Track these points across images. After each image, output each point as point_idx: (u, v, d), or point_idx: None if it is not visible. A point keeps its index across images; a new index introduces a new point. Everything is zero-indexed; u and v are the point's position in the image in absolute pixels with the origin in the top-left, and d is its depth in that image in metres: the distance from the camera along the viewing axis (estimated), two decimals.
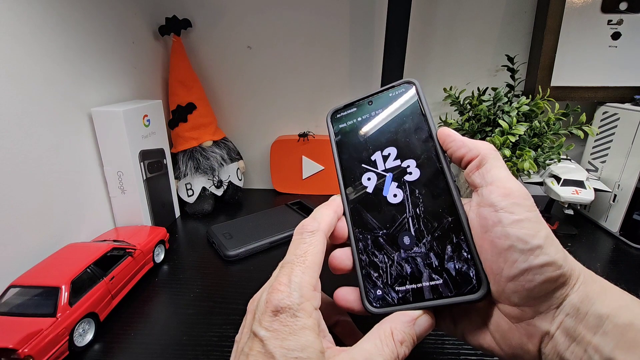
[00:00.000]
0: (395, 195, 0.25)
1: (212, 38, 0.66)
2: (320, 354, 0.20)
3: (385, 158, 0.26)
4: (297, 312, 0.20)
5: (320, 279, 0.23)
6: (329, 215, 0.26)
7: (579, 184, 0.53)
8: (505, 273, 0.20)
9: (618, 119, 0.55)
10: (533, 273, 0.20)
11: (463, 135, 0.65)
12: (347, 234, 0.26)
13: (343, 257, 0.26)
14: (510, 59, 0.57)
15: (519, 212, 0.20)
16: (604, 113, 0.58)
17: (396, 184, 0.25)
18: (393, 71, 0.54)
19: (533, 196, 0.22)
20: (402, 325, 0.22)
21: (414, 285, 0.23)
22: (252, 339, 0.20)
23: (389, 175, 0.25)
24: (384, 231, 0.25)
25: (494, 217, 0.21)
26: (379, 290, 0.24)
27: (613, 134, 0.56)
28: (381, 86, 0.55)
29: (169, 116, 0.63)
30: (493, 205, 0.21)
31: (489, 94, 0.58)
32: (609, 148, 0.56)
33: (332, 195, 0.28)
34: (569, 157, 0.60)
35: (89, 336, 0.34)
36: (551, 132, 0.54)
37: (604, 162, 0.57)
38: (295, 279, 0.21)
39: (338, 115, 0.29)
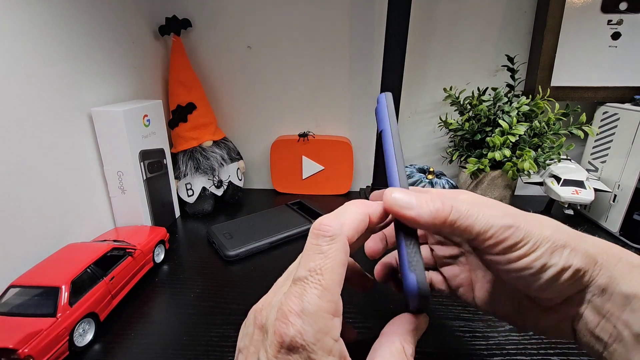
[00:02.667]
0: None
1: (212, 38, 0.66)
2: None
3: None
4: (312, 354, 0.17)
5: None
6: (358, 216, 0.21)
7: (579, 184, 0.53)
8: (525, 290, 0.22)
9: (618, 119, 0.55)
10: (548, 283, 0.20)
11: (463, 135, 0.65)
12: (379, 249, 0.26)
13: (375, 242, 0.26)
14: (510, 59, 0.57)
15: (513, 250, 0.20)
16: (604, 113, 0.58)
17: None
18: (393, 71, 0.54)
19: (533, 196, 0.22)
20: (410, 337, 0.21)
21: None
22: None
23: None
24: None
25: (491, 258, 0.21)
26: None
27: (613, 134, 0.56)
28: (381, 86, 0.55)
29: (169, 116, 0.63)
30: (488, 252, 0.21)
31: (489, 94, 0.58)
32: (609, 148, 0.56)
33: (332, 195, 0.28)
34: (569, 157, 0.60)
35: (89, 336, 0.34)
36: (551, 132, 0.54)
37: (604, 162, 0.57)
38: (310, 308, 0.18)
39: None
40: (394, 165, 0.23)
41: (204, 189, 0.64)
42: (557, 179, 0.55)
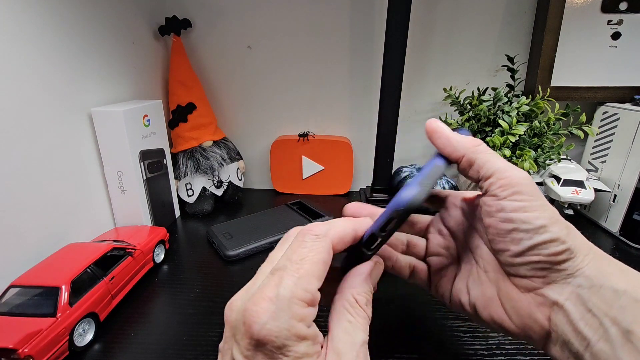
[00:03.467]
0: None
1: (212, 38, 0.66)
2: None
3: None
4: (284, 347, 0.17)
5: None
6: (346, 228, 0.22)
7: (579, 184, 0.53)
8: (512, 250, 0.22)
9: (618, 119, 0.55)
10: (538, 249, 0.21)
11: None
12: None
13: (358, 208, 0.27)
14: (510, 59, 0.57)
15: (521, 199, 0.21)
16: (604, 113, 0.58)
17: None
18: (393, 71, 0.54)
19: None
20: (361, 287, 0.21)
21: None
22: None
23: None
24: None
25: (496, 205, 0.22)
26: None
27: (613, 134, 0.56)
28: (381, 86, 0.55)
29: (169, 116, 0.63)
30: (495, 195, 0.22)
31: (489, 94, 0.58)
32: (609, 148, 0.56)
33: (332, 195, 0.28)
34: (569, 157, 0.60)
35: (89, 336, 0.34)
36: (551, 132, 0.54)
37: (604, 162, 0.57)
38: (284, 293, 0.17)
39: None
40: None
41: (204, 189, 0.64)
42: (557, 179, 0.55)
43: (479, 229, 0.26)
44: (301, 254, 0.19)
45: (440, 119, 0.64)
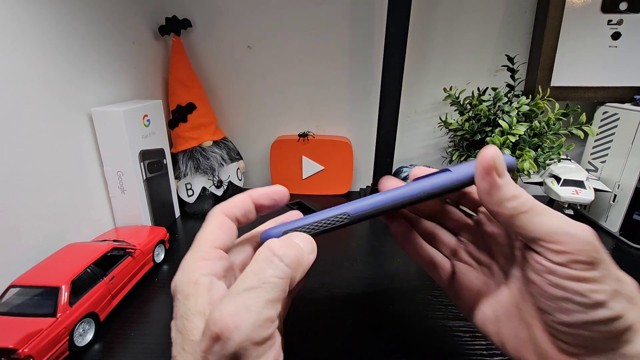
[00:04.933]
0: None
1: (212, 38, 0.66)
2: None
3: None
4: (183, 297, 0.20)
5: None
6: (241, 198, 0.24)
7: (579, 184, 0.53)
8: (559, 318, 0.18)
9: (618, 119, 0.55)
10: (592, 325, 0.17)
11: (463, 135, 0.65)
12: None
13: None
14: (510, 59, 0.57)
15: (578, 267, 0.17)
16: (604, 113, 0.58)
17: None
18: (393, 71, 0.54)
19: (533, 196, 0.20)
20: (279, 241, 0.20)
21: None
22: None
23: None
24: None
25: (546, 266, 0.18)
26: None
27: (613, 134, 0.56)
28: (381, 86, 0.55)
29: (169, 116, 0.63)
30: (545, 256, 0.18)
31: (489, 94, 0.58)
32: (609, 148, 0.56)
33: (332, 195, 0.27)
34: (569, 157, 0.60)
35: (89, 336, 0.34)
36: (551, 132, 0.54)
37: (604, 162, 0.57)
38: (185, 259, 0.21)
39: None
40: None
41: (204, 189, 0.64)
42: (557, 179, 0.55)
43: (523, 259, 0.21)
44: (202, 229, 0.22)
45: (440, 119, 0.64)
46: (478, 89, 0.61)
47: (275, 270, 0.18)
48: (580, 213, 0.61)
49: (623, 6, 0.57)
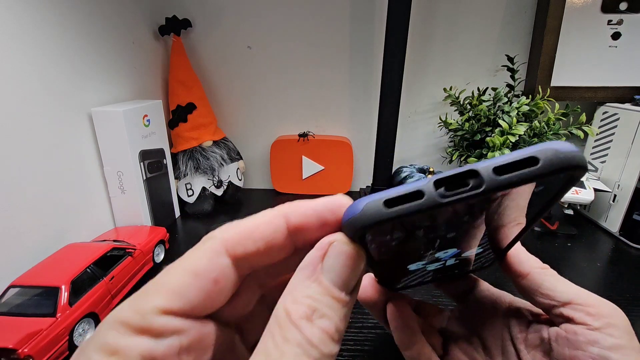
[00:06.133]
0: None
1: (212, 38, 0.66)
2: None
3: None
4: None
5: None
6: (267, 219, 0.14)
7: (579, 184, 0.53)
8: None
9: (618, 119, 0.55)
10: None
11: (463, 135, 0.65)
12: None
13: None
14: (510, 59, 0.57)
15: (619, 335, 0.17)
16: (604, 113, 0.58)
17: None
18: (393, 71, 0.54)
19: None
20: (301, 287, 0.12)
21: None
22: None
23: None
24: None
25: (589, 336, 0.18)
26: None
27: (613, 134, 0.56)
28: (381, 86, 0.55)
29: (169, 116, 0.63)
30: (585, 324, 0.18)
31: (489, 94, 0.58)
32: (609, 148, 0.56)
33: (332, 195, 0.16)
34: None
35: (89, 336, 0.34)
36: (551, 132, 0.54)
37: (604, 162, 0.57)
38: (109, 316, 0.13)
39: None
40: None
41: (203, 189, 0.64)
42: None
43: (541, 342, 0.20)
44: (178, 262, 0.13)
45: (440, 119, 0.64)
46: (478, 89, 0.61)
47: None
48: (580, 213, 0.61)
49: (623, 6, 0.57)
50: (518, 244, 0.21)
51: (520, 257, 0.21)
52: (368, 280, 0.23)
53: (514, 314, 0.22)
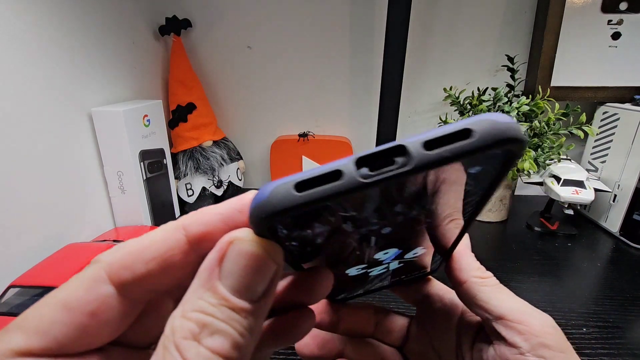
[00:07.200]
0: None
1: (212, 38, 0.66)
2: None
3: None
4: None
5: None
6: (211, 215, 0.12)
7: (579, 184, 0.53)
8: None
9: (618, 119, 0.55)
10: None
11: None
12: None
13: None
14: (510, 59, 0.57)
15: (550, 356, 0.16)
16: (604, 113, 0.58)
17: None
18: (393, 71, 0.54)
19: (533, 196, 0.20)
20: (194, 298, 0.11)
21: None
22: None
23: None
24: None
25: (510, 355, 0.17)
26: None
27: (613, 134, 0.56)
28: (381, 86, 0.55)
29: (169, 116, 0.63)
30: (515, 346, 0.17)
31: (489, 94, 0.58)
32: (609, 148, 0.56)
33: None
34: (569, 157, 0.60)
35: None
36: (551, 132, 0.54)
37: (604, 162, 0.57)
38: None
39: None
40: None
41: (203, 189, 0.64)
42: (557, 179, 0.55)
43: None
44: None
45: (440, 119, 0.64)
46: (478, 89, 0.61)
47: None
48: (580, 213, 0.61)
49: (623, 6, 0.57)
50: (466, 248, 0.20)
51: (461, 262, 0.19)
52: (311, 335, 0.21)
53: (465, 327, 0.21)
